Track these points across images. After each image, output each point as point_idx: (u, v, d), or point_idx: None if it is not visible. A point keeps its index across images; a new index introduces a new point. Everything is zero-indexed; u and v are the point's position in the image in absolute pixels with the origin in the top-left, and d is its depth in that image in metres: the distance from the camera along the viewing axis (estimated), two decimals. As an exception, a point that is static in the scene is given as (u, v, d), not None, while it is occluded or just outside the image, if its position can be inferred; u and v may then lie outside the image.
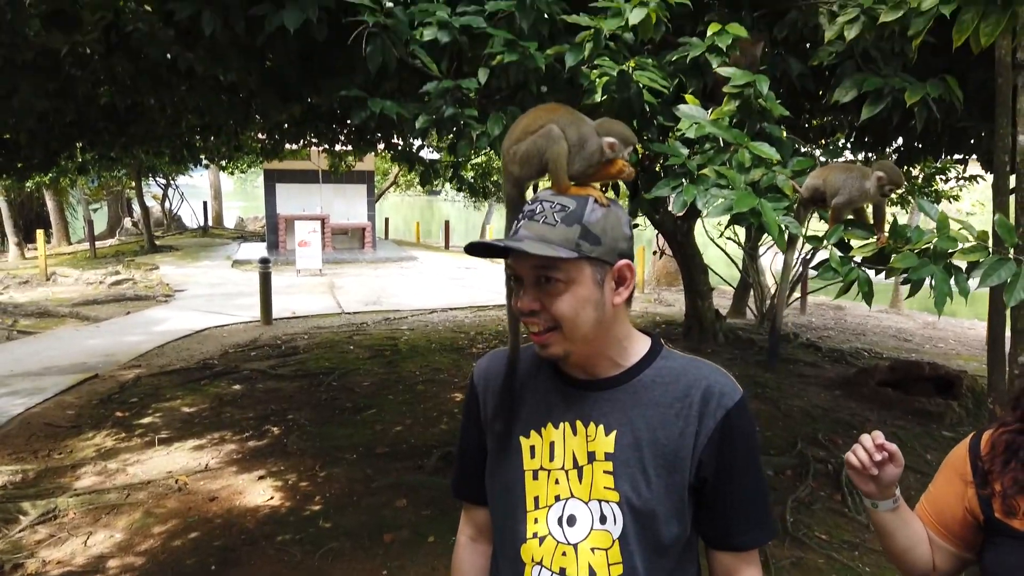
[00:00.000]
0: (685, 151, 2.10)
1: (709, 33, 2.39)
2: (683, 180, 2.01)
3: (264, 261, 10.39)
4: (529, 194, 1.32)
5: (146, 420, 6.15)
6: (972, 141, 4.48)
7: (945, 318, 11.37)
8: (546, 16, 2.28)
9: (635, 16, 2.17)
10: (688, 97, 2.20)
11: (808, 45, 3.16)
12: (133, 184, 20.98)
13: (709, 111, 2.20)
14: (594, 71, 2.16)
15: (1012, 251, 2.00)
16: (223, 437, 5.71)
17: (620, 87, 2.10)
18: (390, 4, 2.11)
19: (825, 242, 2.07)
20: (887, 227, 2.15)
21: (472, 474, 1.39)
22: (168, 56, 4.27)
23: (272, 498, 4.62)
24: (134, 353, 8.44)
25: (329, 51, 3.07)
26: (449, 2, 2.30)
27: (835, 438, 5.56)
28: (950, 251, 1.98)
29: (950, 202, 9.33)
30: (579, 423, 1.26)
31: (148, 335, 9.41)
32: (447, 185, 22.16)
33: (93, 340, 9.17)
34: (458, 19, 2.20)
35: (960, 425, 5.88)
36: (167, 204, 25.77)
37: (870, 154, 5.89)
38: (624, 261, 1.24)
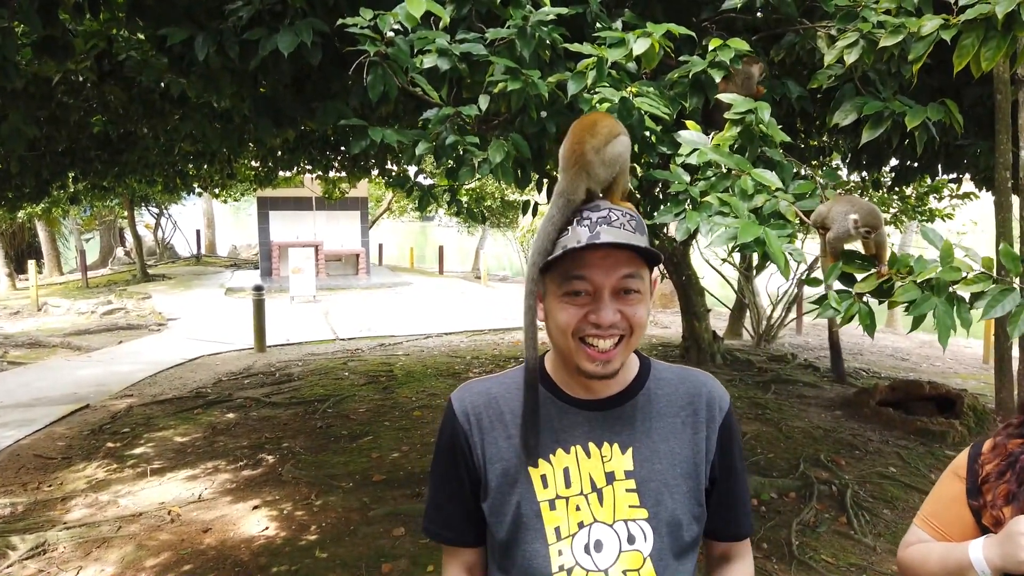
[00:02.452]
0: (687, 177, 2.08)
1: (711, 48, 2.38)
2: (686, 207, 1.99)
3: (258, 288, 10.35)
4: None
5: (138, 450, 6.06)
6: (967, 160, 4.49)
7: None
8: (547, 42, 2.27)
9: (639, 47, 2.17)
10: (689, 123, 2.19)
11: (805, 67, 3.17)
12: (126, 214, 20.93)
13: (710, 136, 2.19)
14: (595, 97, 2.15)
15: (1017, 280, 1.99)
16: (216, 467, 5.63)
17: (621, 114, 2.08)
18: (391, 33, 2.09)
19: (826, 280, 2.05)
20: (887, 257, 2.12)
21: (457, 515, 1.32)
22: (161, 84, 4.27)
23: (267, 528, 4.54)
24: (126, 383, 8.36)
25: (323, 75, 3.06)
26: (448, 29, 2.30)
27: (838, 459, 5.51)
28: (953, 281, 1.96)
29: (944, 221, 9.36)
30: (592, 445, 1.24)
31: (140, 364, 9.33)
32: (441, 211, 22.18)
33: (84, 370, 9.07)
34: (458, 46, 2.19)
35: (963, 444, 5.83)
36: (160, 233, 25.70)
37: (864, 175, 5.91)
38: (656, 271, 1.27)
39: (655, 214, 2.10)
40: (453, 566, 1.35)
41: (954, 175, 5.60)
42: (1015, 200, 2.89)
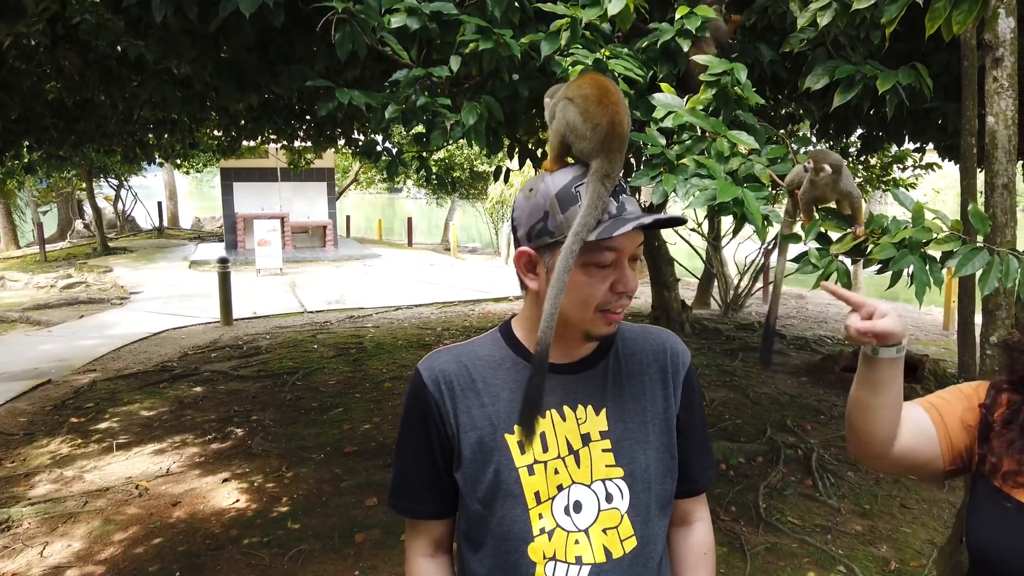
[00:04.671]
0: (663, 140, 2.06)
1: (678, 16, 2.36)
2: (662, 170, 1.97)
3: (223, 261, 10.17)
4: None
5: (103, 425, 5.96)
6: (933, 128, 4.53)
7: (903, 304, 11.61)
8: (517, 3, 2.22)
9: (614, 7, 2.13)
10: (664, 86, 2.16)
11: (776, 33, 3.16)
12: (84, 185, 20.38)
13: (685, 99, 2.17)
14: (567, 59, 2.11)
15: (982, 240, 2.02)
16: (184, 440, 5.56)
17: (595, 75, 2.06)
18: (359, -11, 2.03)
19: (805, 238, 2.07)
20: (863, 219, 2.14)
21: (428, 487, 1.30)
22: (118, 48, 4.11)
23: (237, 501, 4.51)
24: (89, 357, 8.20)
25: (287, 38, 2.97)
26: (417, -13, 2.24)
27: (804, 424, 5.63)
28: (925, 241, 1.99)
29: (907, 190, 9.51)
30: (567, 408, 1.24)
31: (103, 338, 9.15)
32: (409, 182, 21.97)
33: (45, 345, 8.87)
34: (427, 5, 2.13)
35: (923, 409, 5.99)
36: (120, 205, 25.07)
37: (831, 143, 5.96)
38: None
39: (629, 179, 2.08)
40: (420, 541, 1.33)
41: (918, 144, 5.67)
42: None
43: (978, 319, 2.96)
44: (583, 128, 1.20)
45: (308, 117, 6.92)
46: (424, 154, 3.59)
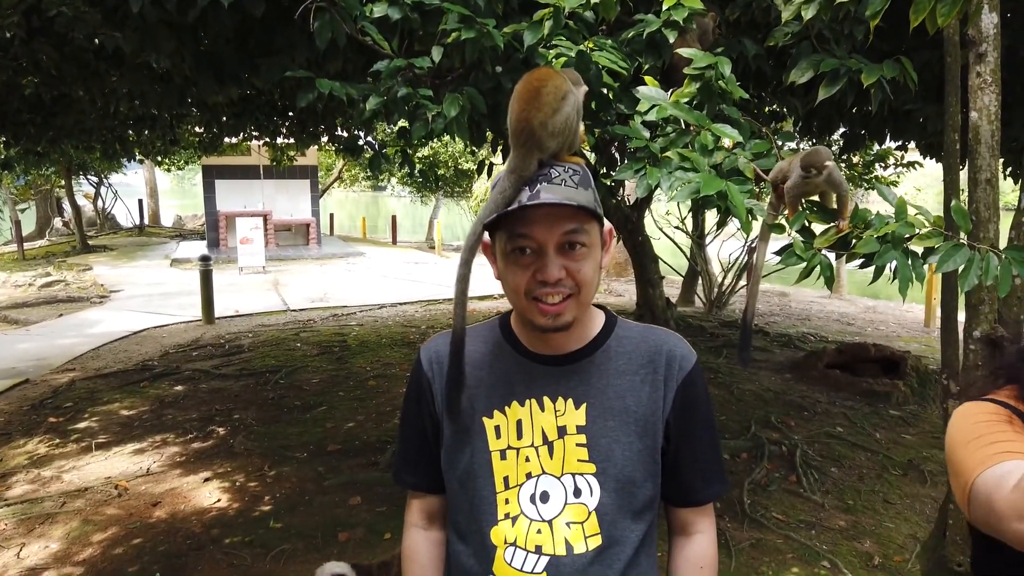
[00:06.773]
0: (647, 134, 2.05)
1: (665, 7, 2.34)
2: (645, 163, 1.96)
3: (205, 259, 10.07)
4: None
5: (82, 425, 5.87)
6: (915, 126, 4.56)
7: (884, 301, 11.71)
8: (501, -7, 2.20)
9: (596, -5, 2.12)
10: (648, 79, 2.15)
11: (760, 29, 3.16)
12: (63, 182, 20.13)
13: (669, 93, 2.16)
14: (552, 51, 2.09)
15: (965, 237, 2.02)
16: (165, 440, 5.49)
17: (579, 68, 2.04)
18: (338, -22, 2.00)
19: (789, 229, 2.05)
20: (848, 213, 2.13)
21: (421, 461, 1.34)
22: (95, 40, 4.04)
23: (219, 500, 4.46)
24: (68, 356, 8.08)
25: (267, 30, 2.93)
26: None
27: (788, 420, 5.65)
28: (907, 236, 1.99)
29: (889, 188, 9.61)
30: (547, 399, 1.25)
31: (82, 337, 9.03)
32: (393, 180, 21.88)
33: (23, 344, 8.75)
34: (409, -6, 2.11)
35: (906, 403, 6.04)
36: (100, 203, 24.78)
37: (813, 140, 5.99)
38: (608, 225, 1.24)
39: (613, 172, 2.07)
40: (415, 512, 1.39)
41: (900, 142, 5.72)
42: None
43: (961, 315, 2.97)
44: (507, 124, 1.24)
45: (290, 113, 6.86)
46: (408, 149, 3.55)
